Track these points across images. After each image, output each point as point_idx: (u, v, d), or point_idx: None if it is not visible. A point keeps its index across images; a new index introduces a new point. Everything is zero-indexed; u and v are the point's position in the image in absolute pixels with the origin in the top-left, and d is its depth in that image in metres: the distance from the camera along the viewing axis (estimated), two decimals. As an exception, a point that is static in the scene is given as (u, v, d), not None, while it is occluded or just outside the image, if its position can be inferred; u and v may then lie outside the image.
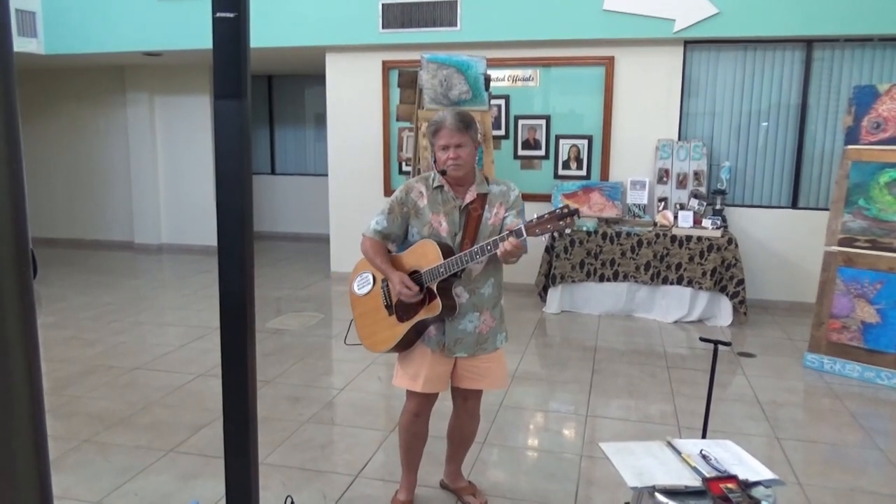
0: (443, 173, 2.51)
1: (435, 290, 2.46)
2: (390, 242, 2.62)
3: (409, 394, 2.68)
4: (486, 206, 2.53)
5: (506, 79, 6.57)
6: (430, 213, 2.53)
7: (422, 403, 2.68)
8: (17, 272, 1.28)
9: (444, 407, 2.85)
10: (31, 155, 8.97)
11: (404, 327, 2.53)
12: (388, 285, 2.57)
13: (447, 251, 2.45)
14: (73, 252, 8.90)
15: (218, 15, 1.57)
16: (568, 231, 2.35)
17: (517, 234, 2.30)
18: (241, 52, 1.58)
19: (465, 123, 2.48)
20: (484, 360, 2.63)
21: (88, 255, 8.73)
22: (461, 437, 2.87)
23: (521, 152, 6.67)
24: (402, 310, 2.53)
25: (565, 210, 2.27)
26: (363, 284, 2.66)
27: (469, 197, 2.53)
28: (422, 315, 2.49)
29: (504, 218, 2.54)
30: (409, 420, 2.72)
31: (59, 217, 9.41)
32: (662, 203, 6.19)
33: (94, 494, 2.94)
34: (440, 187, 2.55)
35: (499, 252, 2.33)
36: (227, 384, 1.76)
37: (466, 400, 2.75)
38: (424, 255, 2.48)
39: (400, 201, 2.58)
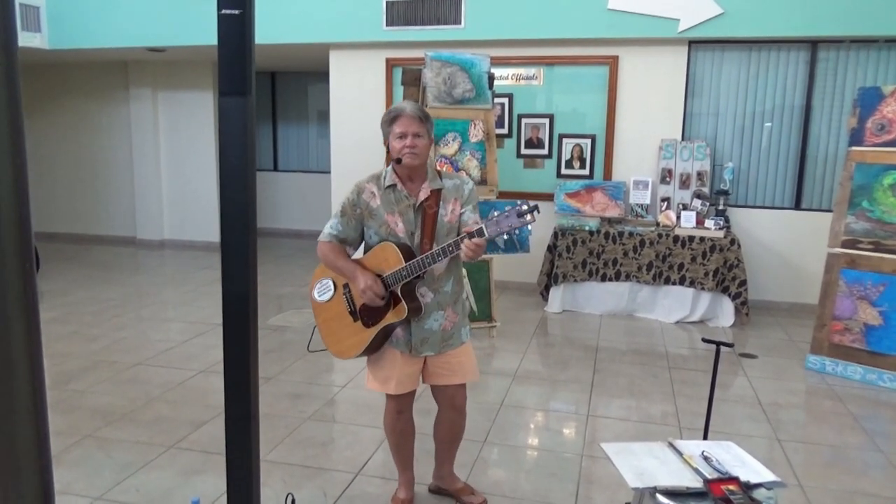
0: (398, 162, 2.45)
1: (399, 293, 2.43)
2: (347, 246, 2.58)
3: (387, 396, 2.67)
4: (441, 203, 2.49)
5: (509, 77, 6.57)
6: (384, 213, 2.49)
7: (401, 401, 2.68)
8: (20, 267, 1.28)
9: (433, 406, 2.83)
10: (34, 150, 8.98)
11: (371, 333, 2.51)
12: (350, 291, 2.54)
13: (407, 252, 2.42)
14: (75, 247, 8.91)
15: (223, 12, 1.57)
16: (529, 228, 2.31)
17: (479, 233, 2.25)
18: (246, 49, 1.58)
19: (425, 114, 2.48)
20: (453, 356, 2.62)
21: (90, 251, 8.75)
22: (451, 436, 2.82)
23: (524, 151, 6.66)
24: (367, 315, 2.51)
25: (524, 207, 2.22)
26: (324, 291, 2.62)
27: (423, 194, 2.48)
28: (388, 319, 2.47)
29: (461, 214, 2.51)
30: (393, 418, 2.71)
31: (61, 212, 9.42)
32: (665, 203, 6.18)
33: (95, 490, 2.94)
34: (392, 186, 2.50)
35: (462, 255, 2.28)
36: (229, 382, 1.76)
37: (454, 398, 2.71)
38: (385, 259, 2.45)
39: (352, 203, 2.55)
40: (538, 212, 2.25)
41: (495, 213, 2.26)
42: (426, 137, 2.48)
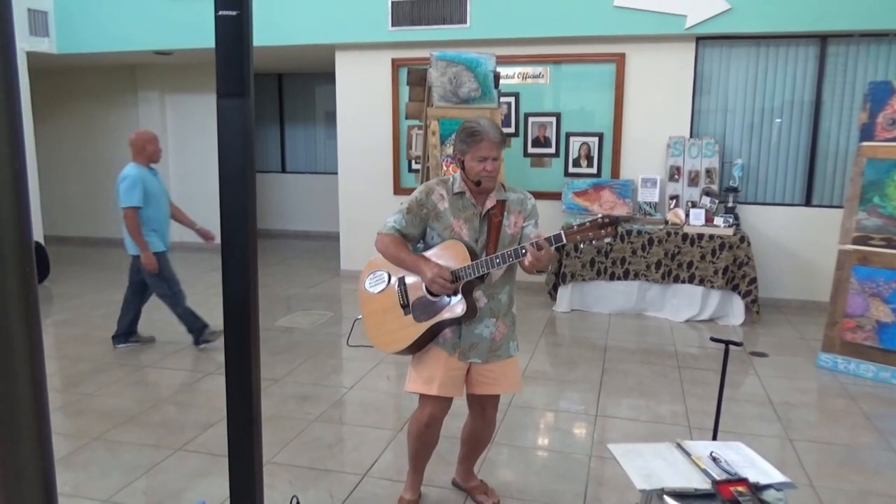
0: (477, 184, 2.49)
1: (461, 289, 2.45)
2: (407, 242, 2.59)
3: (423, 401, 2.62)
4: (505, 214, 2.54)
5: (516, 76, 6.54)
6: (451, 216, 2.52)
7: (434, 414, 2.60)
8: (20, 272, 1.27)
9: (455, 407, 2.82)
10: (44, 154, 9.03)
11: (421, 328, 2.49)
12: (404, 284, 2.54)
13: (473, 254, 2.45)
14: (85, 250, 8.96)
15: (220, 13, 1.56)
16: (608, 241, 2.32)
17: (556, 238, 2.29)
18: (244, 51, 1.57)
19: (503, 138, 2.52)
20: (498, 366, 2.62)
21: (100, 253, 8.79)
22: (476, 443, 2.86)
23: (531, 150, 6.63)
24: (419, 309, 2.51)
25: (605, 219, 2.24)
26: (377, 282, 2.61)
27: (489, 203, 2.53)
28: (444, 315, 2.46)
29: (523, 227, 2.56)
30: (420, 430, 2.65)
31: (71, 215, 9.47)
32: (674, 201, 6.14)
33: (103, 492, 2.95)
34: (461, 193, 2.54)
35: (526, 260, 2.30)
36: (231, 385, 1.75)
37: (485, 409, 2.73)
38: (453, 256, 2.46)
39: (419, 202, 2.55)
40: (620, 224, 2.26)
41: (575, 224, 2.30)
42: (500, 158, 2.51)
